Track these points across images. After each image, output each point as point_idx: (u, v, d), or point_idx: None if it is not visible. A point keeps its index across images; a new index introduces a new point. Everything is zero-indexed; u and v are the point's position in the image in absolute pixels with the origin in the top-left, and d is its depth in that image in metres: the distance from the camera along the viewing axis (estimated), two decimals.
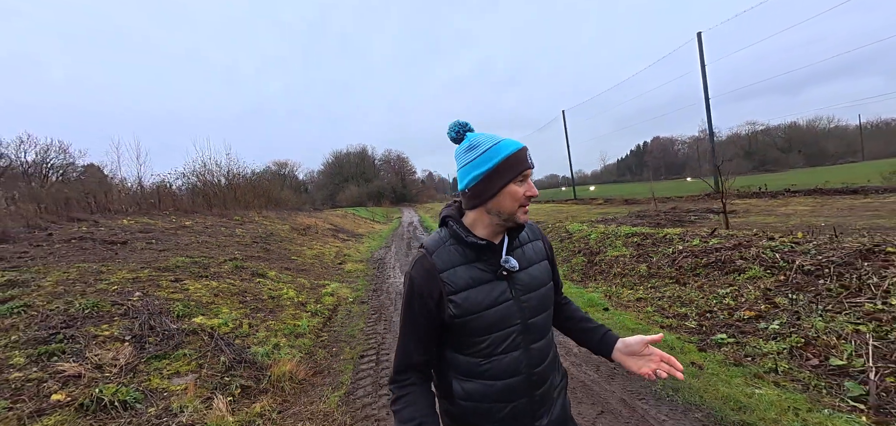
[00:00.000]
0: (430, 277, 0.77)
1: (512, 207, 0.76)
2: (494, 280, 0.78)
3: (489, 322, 0.76)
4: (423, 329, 0.78)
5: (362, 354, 2.90)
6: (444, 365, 0.84)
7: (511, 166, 0.75)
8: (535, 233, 0.90)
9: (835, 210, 6.91)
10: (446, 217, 0.84)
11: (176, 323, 2.89)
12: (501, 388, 0.78)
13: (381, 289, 5.08)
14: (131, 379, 2.19)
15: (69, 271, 3.41)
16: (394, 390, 0.80)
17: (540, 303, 0.82)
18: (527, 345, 0.79)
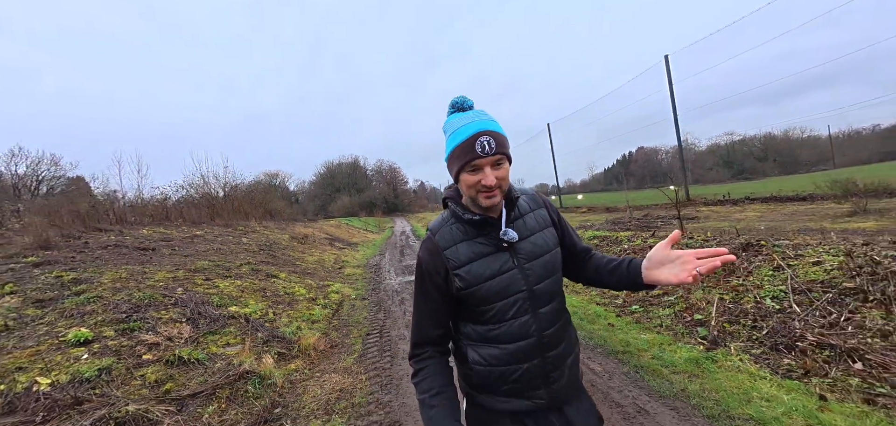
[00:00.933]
0: (434, 256, 0.83)
1: (470, 193, 0.80)
2: (496, 252, 0.82)
3: (494, 290, 0.80)
4: (435, 303, 0.85)
5: (368, 332, 3.66)
6: (459, 335, 0.90)
7: (457, 156, 0.78)
8: (536, 202, 0.93)
9: (778, 215, 7.95)
10: (445, 198, 0.90)
11: (217, 310, 3.61)
12: (513, 351, 0.82)
13: (379, 288, 5.82)
14: (195, 346, 2.91)
15: (119, 272, 4.10)
16: (413, 364, 0.87)
17: (544, 269, 0.84)
18: (534, 310, 0.82)
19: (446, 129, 0.83)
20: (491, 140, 0.75)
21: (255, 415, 2.21)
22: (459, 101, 0.84)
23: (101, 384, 2.27)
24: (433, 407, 0.80)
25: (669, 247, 0.77)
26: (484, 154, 0.74)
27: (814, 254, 2.74)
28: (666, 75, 13.45)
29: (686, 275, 0.71)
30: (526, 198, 0.91)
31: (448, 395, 0.81)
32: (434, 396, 0.81)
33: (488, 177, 0.75)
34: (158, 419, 2.07)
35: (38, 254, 4.57)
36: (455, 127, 0.79)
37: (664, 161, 50.14)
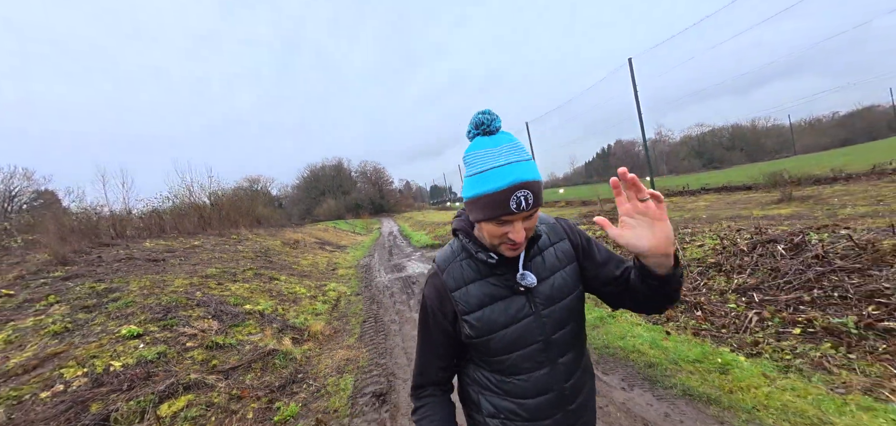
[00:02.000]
0: (441, 297, 0.77)
1: (491, 242, 0.72)
2: (511, 296, 0.75)
3: (508, 340, 0.74)
4: (440, 346, 0.81)
5: (364, 320, 4.43)
6: (468, 379, 0.85)
7: (485, 205, 0.67)
8: (558, 234, 0.83)
9: (723, 204, 9.10)
10: (456, 229, 0.81)
11: (234, 308, 4.31)
12: (532, 408, 0.76)
13: (371, 285, 6.57)
14: (225, 336, 3.62)
15: (143, 281, 4.72)
16: (414, 401, 0.85)
17: (564, 315, 0.76)
18: (553, 361, 0.76)
19: (471, 161, 0.69)
20: (529, 195, 0.65)
21: (285, 378, 2.96)
22: (487, 121, 0.69)
23: (161, 363, 2.97)
24: None
25: (614, 228, 0.65)
26: (519, 211, 0.65)
27: (700, 239, 3.67)
28: (630, 77, 14.61)
29: (654, 212, 0.61)
30: (546, 228, 0.82)
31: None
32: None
33: (519, 233, 0.67)
34: (213, 384, 2.80)
35: (59, 269, 5.13)
36: (484, 166, 0.66)
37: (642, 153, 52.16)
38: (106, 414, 2.40)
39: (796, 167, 9.26)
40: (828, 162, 13.14)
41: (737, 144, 38.65)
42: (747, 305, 2.43)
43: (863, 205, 6.09)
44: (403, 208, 45.15)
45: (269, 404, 2.65)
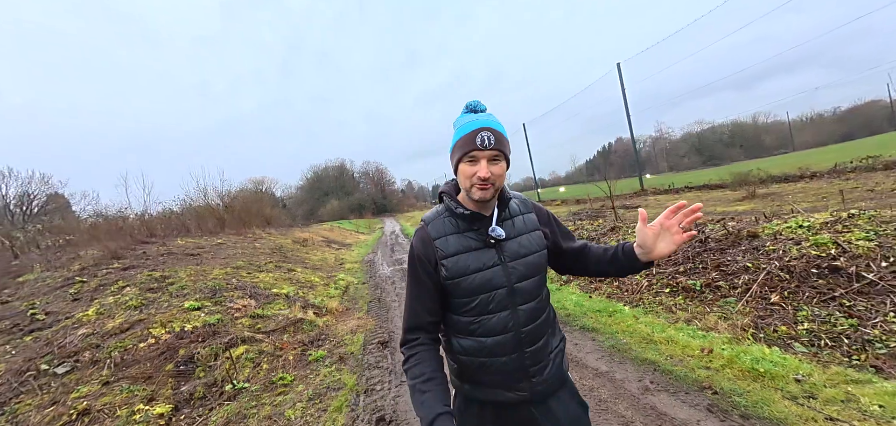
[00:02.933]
0: (425, 244, 0.92)
1: (466, 184, 0.88)
2: (484, 247, 0.90)
3: (476, 284, 0.88)
4: (426, 290, 0.92)
5: (371, 300, 5.46)
6: (446, 325, 0.98)
7: (459, 147, 0.88)
8: (527, 206, 1.01)
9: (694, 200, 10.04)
10: (442, 192, 0.98)
11: (265, 291, 5.35)
12: (491, 344, 0.89)
13: (376, 276, 7.60)
14: (262, 309, 4.66)
15: (187, 270, 5.78)
16: (404, 351, 0.93)
17: (527, 268, 0.91)
18: (514, 307, 0.90)
19: (455, 123, 0.92)
20: (491, 136, 0.84)
21: (313, 336, 3.99)
22: (473, 104, 0.92)
23: (220, 326, 4.01)
24: (424, 392, 0.85)
25: (646, 225, 0.86)
26: (483, 147, 0.83)
27: None
28: (619, 81, 15.52)
29: (678, 238, 0.82)
30: (517, 201, 0.99)
31: (438, 381, 0.87)
32: (425, 382, 0.86)
33: (483, 169, 0.83)
34: (260, 340, 3.83)
35: (115, 262, 6.20)
36: (462, 122, 0.89)
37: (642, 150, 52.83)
38: (191, 356, 3.44)
39: (794, 163, 10.17)
40: (823, 158, 13.87)
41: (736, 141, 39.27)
42: (645, 276, 3.40)
43: (809, 201, 7.04)
44: (405, 208, 46.20)
45: (303, 352, 3.68)
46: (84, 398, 2.92)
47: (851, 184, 7.99)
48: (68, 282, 5.36)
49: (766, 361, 1.90)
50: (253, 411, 2.64)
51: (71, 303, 4.66)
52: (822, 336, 2.08)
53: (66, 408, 2.83)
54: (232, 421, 2.55)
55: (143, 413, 2.77)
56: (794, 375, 1.77)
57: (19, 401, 2.97)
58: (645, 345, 2.38)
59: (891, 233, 2.50)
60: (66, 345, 3.65)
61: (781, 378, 1.76)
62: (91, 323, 4.02)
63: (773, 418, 1.54)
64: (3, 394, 3.06)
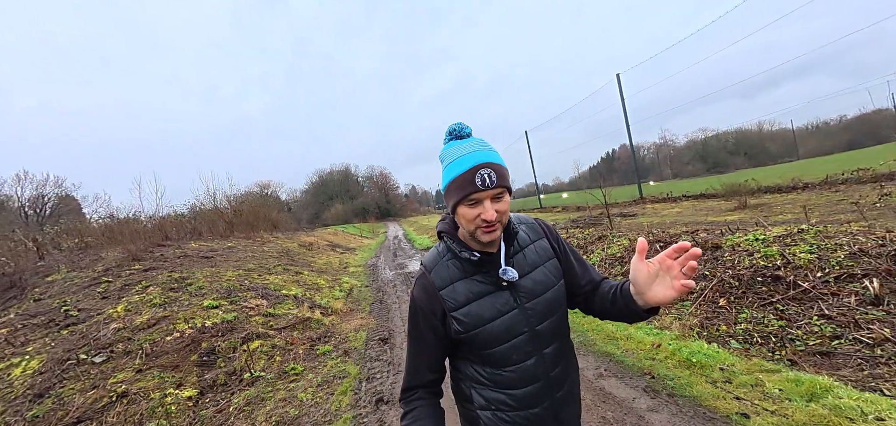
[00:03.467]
0: (430, 296, 0.83)
1: (468, 228, 0.78)
2: (496, 291, 0.81)
3: (495, 334, 0.80)
4: (431, 345, 0.85)
5: (373, 302, 5.87)
6: (459, 375, 0.90)
7: (456, 188, 0.77)
8: (536, 233, 0.91)
9: (693, 210, 10.37)
10: (440, 232, 0.88)
11: (275, 292, 5.79)
12: (520, 397, 0.81)
13: (378, 279, 8.02)
14: (273, 309, 5.09)
15: (204, 272, 6.24)
16: (402, 406, 0.87)
17: (547, 307, 0.83)
18: (539, 352, 0.82)
19: (443, 157, 0.82)
20: (492, 173, 0.75)
21: (320, 334, 4.41)
22: (458, 129, 0.83)
23: (237, 323, 4.44)
24: None
25: (643, 261, 0.73)
26: (484, 187, 0.74)
27: (625, 241, 5.03)
28: (619, 92, 15.89)
29: (677, 289, 0.69)
30: (526, 228, 0.91)
31: None
32: None
33: (488, 211, 0.75)
34: (273, 336, 4.26)
35: (136, 264, 6.69)
36: (453, 156, 0.79)
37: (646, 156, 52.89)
38: (212, 348, 3.88)
39: (796, 171, 10.49)
40: (828, 167, 14.06)
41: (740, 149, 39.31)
42: None
43: (795, 212, 7.36)
44: (409, 212, 46.67)
45: (311, 347, 4.10)
46: (121, 383, 3.35)
47: (838, 196, 8.28)
48: (95, 282, 5.84)
49: (700, 354, 2.27)
50: (270, 395, 3.05)
51: (100, 300, 5.13)
52: (755, 334, 2.44)
53: (106, 391, 3.27)
54: (252, 402, 2.97)
55: (173, 396, 3.20)
56: (719, 365, 2.14)
57: (63, 386, 3.42)
58: (607, 341, 2.75)
59: (829, 248, 2.87)
60: (100, 337, 4.10)
61: (709, 367, 2.13)
62: (121, 318, 4.47)
63: (693, 396, 1.91)
64: (48, 380, 3.51)
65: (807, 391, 1.77)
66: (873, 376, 1.90)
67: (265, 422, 2.64)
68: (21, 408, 3.18)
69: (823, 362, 2.09)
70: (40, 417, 3.04)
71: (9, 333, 4.52)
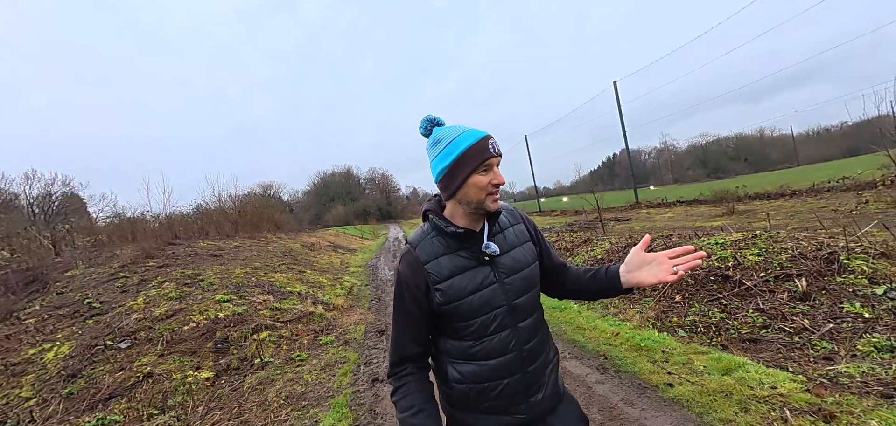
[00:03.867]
0: (415, 270, 0.87)
1: (479, 196, 0.84)
2: (477, 266, 0.87)
3: (475, 306, 0.85)
4: (415, 319, 0.89)
5: (372, 298, 6.28)
6: (438, 351, 0.94)
7: (472, 157, 0.82)
8: (515, 217, 0.99)
9: (684, 215, 10.73)
10: (426, 211, 0.94)
11: (280, 289, 6.21)
12: (493, 367, 0.86)
13: (377, 279, 8.43)
14: (279, 303, 5.50)
15: (214, 269, 6.67)
16: (392, 382, 0.91)
17: (524, 283, 0.90)
18: (514, 325, 0.87)
19: (441, 138, 0.87)
20: (496, 142, 0.84)
21: (322, 326, 4.82)
22: (435, 118, 0.91)
23: (247, 315, 4.86)
24: (415, 425, 0.83)
25: (643, 251, 0.86)
26: (495, 154, 0.83)
27: (607, 243, 5.42)
28: (616, 101, 16.29)
29: (664, 275, 0.81)
30: (506, 212, 0.97)
31: (429, 412, 0.85)
32: (415, 414, 0.84)
33: (499, 175, 0.83)
34: (279, 327, 4.67)
35: (150, 261, 7.12)
36: (456, 134, 0.85)
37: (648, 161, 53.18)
38: (225, 337, 4.29)
39: (797, 178, 10.87)
40: (823, 173, 14.37)
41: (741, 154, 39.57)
42: None
43: (778, 218, 7.73)
44: (410, 214, 47.07)
45: (315, 337, 4.51)
46: (146, 366, 3.77)
47: (821, 203, 8.62)
48: (113, 277, 6.28)
49: (649, 341, 2.65)
50: (278, 376, 3.46)
51: (120, 294, 5.56)
52: (700, 325, 2.82)
53: (133, 372, 3.69)
54: (263, 382, 3.38)
55: (193, 377, 3.61)
56: (662, 349, 2.52)
57: (93, 367, 3.84)
58: (576, 331, 3.14)
59: (775, 251, 3.26)
60: (123, 327, 4.53)
61: (654, 350, 2.52)
62: (141, 310, 4.90)
63: (634, 372, 2.30)
64: (79, 362, 3.93)
65: (724, 367, 2.16)
66: (785, 357, 2.28)
67: (276, 398, 3.04)
68: (56, 386, 3.60)
69: (750, 347, 2.47)
70: (75, 394, 3.46)
71: (37, 322, 4.95)
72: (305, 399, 2.93)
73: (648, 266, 0.85)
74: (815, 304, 2.63)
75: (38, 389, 3.57)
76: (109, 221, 15.17)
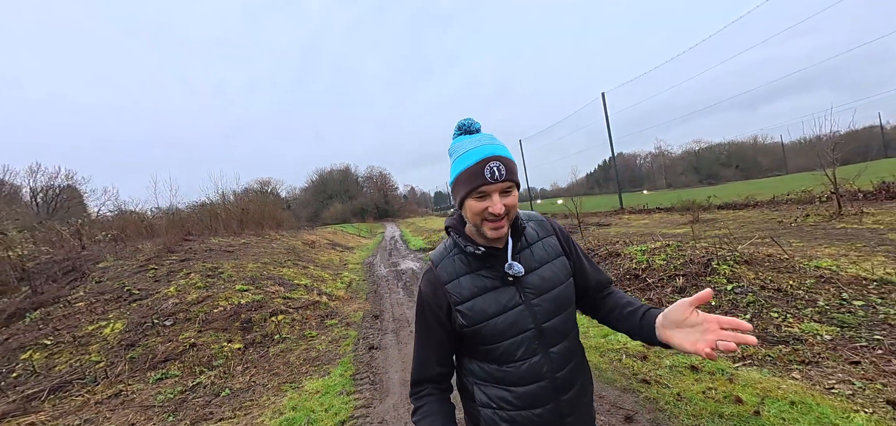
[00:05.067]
0: (436, 290, 0.85)
1: (475, 221, 0.80)
2: (501, 286, 0.83)
3: (499, 329, 0.81)
4: (437, 339, 0.87)
5: (369, 292, 7.33)
6: (464, 371, 0.92)
7: (464, 181, 0.79)
8: (545, 230, 0.92)
9: (657, 221, 11.83)
10: (448, 227, 0.90)
11: (289, 281, 7.25)
12: (523, 395, 0.82)
13: (374, 275, 9.48)
14: (289, 294, 6.54)
15: (230, 263, 7.70)
16: (413, 401, 0.89)
17: (554, 304, 0.83)
18: (545, 350, 0.82)
19: (452, 151, 0.84)
20: (500, 166, 0.76)
21: (327, 312, 5.87)
22: (467, 124, 0.85)
23: (264, 302, 5.90)
24: None
25: (692, 308, 0.69)
26: (493, 180, 0.76)
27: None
28: (603, 111, 17.37)
29: (703, 347, 0.65)
30: (534, 224, 0.92)
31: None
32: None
33: (496, 204, 0.76)
34: (292, 312, 5.71)
35: (173, 255, 8.15)
36: (462, 150, 0.81)
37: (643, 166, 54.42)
38: (249, 318, 5.33)
39: (779, 187, 11.98)
40: (810, 182, 15.46)
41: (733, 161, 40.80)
42: None
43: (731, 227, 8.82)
44: (407, 213, 48.06)
45: (321, 320, 5.55)
46: (189, 338, 4.81)
47: (774, 215, 9.73)
48: (143, 269, 7.31)
49: None
50: (295, 347, 4.51)
51: (153, 283, 6.59)
52: None
53: (180, 342, 4.73)
54: (284, 351, 4.42)
55: (227, 347, 4.65)
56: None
57: (147, 339, 4.87)
58: None
59: (676, 257, 4.32)
60: (163, 309, 5.57)
61: None
62: (175, 296, 5.93)
63: None
64: (134, 335, 4.96)
65: (603, 334, 3.23)
66: None
67: (296, 360, 4.09)
68: (119, 353, 4.64)
69: None
70: (136, 358, 4.50)
71: (86, 305, 5.99)
72: (319, 360, 3.98)
73: (690, 328, 0.70)
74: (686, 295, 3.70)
75: (105, 355, 4.61)
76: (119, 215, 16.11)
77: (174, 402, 3.34)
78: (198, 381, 3.80)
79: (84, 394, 3.83)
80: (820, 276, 3.36)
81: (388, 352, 3.92)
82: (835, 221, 7.89)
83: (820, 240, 5.75)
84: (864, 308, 2.86)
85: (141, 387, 3.82)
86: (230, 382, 3.69)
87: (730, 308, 3.26)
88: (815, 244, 5.59)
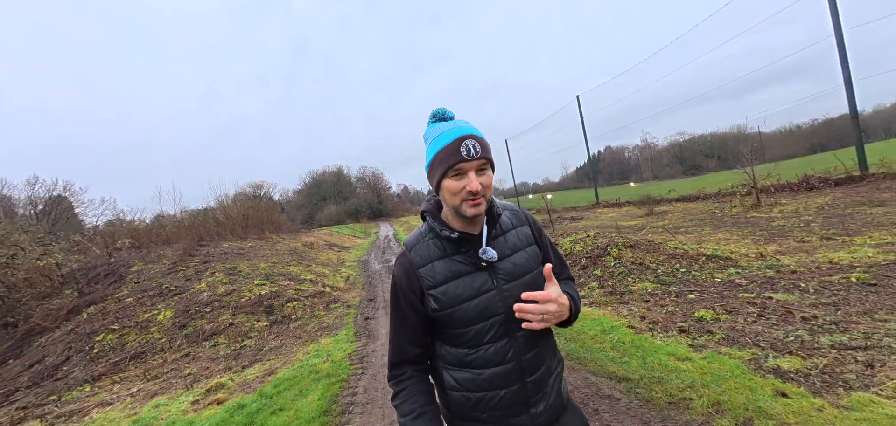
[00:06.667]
0: (409, 274, 0.89)
1: (453, 202, 0.83)
2: (474, 271, 0.86)
3: (471, 314, 0.84)
4: (411, 322, 0.91)
5: (364, 283, 8.93)
6: (435, 355, 0.96)
7: (441, 160, 0.82)
8: (519, 219, 0.97)
9: (621, 214, 13.52)
10: (424, 212, 0.93)
11: (297, 277, 8.82)
12: (489, 376, 0.86)
13: (369, 272, 11.06)
14: (298, 286, 8.11)
15: (244, 264, 9.25)
16: (392, 386, 0.93)
17: (524, 290, 0.85)
18: (512, 334, 0.86)
19: (427, 136, 0.88)
20: (476, 144, 0.80)
21: (331, 299, 7.46)
22: (440, 112, 0.89)
23: (279, 293, 7.47)
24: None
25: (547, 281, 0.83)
26: (469, 157, 0.79)
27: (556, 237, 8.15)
28: (578, 114, 19.04)
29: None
30: (509, 213, 0.96)
31: (429, 415, 0.87)
32: (416, 418, 0.86)
33: (473, 182, 0.79)
34: (302, 300, 7.30)
35: (193, 258, 9.68)
36: (437, 133, 0.85)
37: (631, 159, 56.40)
38: (270, 305, 6.92)
39: (758, 174, 13.64)
40: (788, 169, 17.27)
41: (715, 151, 42.82)
42: None
43: (675, 218, 10.53)
44: (401, 212, 49.44)
45: (327, 305, 7.14)
46: (227, 319, 6.38)
47: (713, 206, 11.47)
48: (172, 270, 8.84)
49: None
50: (310, 322, 6.10)
51: (185, 281, 8.13)
52: None
53: (220, 323, 6.30)
54: (300, 325, 6.01)
55: (257, 325, 6.23)
56: None
57: (194, 321, 6.43)
58: None
59: (593, 245, 5.96)
60: (200, 300, 7.12)
61: None
62: (208, 290, 7.49)
63: None
64: (183, 319, 6.51)
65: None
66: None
67: (311, 330, 5.69)
68: (175, 332, 6.20)
69: None
70: (189, 334, 6.07)
71: (134, 300, 7.52)
72: (328, 328, 5.58)
73: None
74: (589, 272, 5.34)
75: (164, 333, 6.17)
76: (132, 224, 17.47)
77: (232, 355, 4.92)
78: (243, 344, 5.39)
79: (159, 359, 5.40)
80: (671, 254, 5.02)
81: (380, 320, 5.53)
82: (753, 212, 9.61)
83: (725, 228, 7.43)
84: (685, 273, 4.52)
85: (201, 351, 5.40)
86: (267, 343, 5.28)
87: (608, 277, 4.91)
88: (718, 231, 7.29)
